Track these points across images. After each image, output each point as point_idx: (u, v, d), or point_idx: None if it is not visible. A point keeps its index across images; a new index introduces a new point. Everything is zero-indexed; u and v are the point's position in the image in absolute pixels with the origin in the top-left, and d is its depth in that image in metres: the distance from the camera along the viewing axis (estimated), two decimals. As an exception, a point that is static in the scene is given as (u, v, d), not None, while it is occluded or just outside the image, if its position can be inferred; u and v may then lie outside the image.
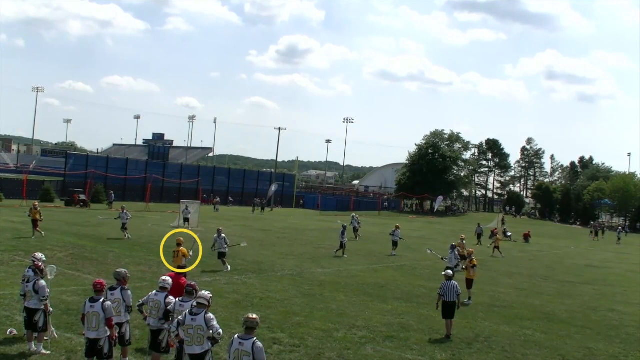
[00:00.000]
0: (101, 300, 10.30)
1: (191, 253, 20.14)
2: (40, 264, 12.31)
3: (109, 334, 10.31)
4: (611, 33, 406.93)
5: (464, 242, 30.74)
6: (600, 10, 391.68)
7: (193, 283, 10.97)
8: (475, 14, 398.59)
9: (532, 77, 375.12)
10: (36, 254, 12.92)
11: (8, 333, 12.70)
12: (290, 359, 12.73)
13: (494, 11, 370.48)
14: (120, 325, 10.98)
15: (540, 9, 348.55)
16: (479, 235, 47.14)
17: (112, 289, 11.06)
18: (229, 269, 23.43)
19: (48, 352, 11.73)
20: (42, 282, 11.88)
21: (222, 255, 23.77)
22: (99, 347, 10.26)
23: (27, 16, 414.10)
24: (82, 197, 57.95)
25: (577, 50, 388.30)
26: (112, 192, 58.92)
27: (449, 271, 16.64)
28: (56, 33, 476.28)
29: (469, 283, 21.39)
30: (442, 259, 25.92)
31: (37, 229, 29.25)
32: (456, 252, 25.23)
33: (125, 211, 32.41)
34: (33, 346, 11.76)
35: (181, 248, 19.57)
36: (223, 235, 24.06)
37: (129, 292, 11.17)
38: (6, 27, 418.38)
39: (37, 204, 31.45)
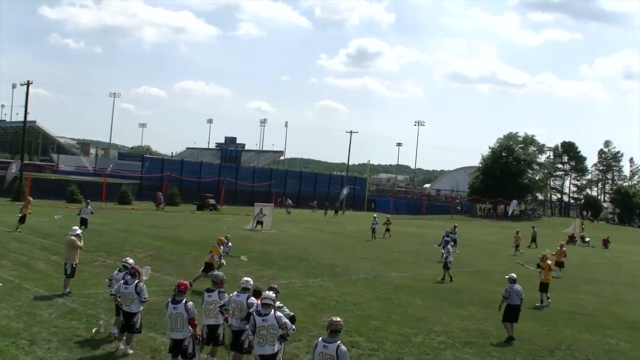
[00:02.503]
0: (184, 301, 10.48)
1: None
2: (137, 267, 12.69)
3: (192, 333, 10.51)
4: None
5: (564, 248, 30.12)
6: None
7: (275, 286, 11.06)
8: (549, 13, 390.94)
9: (610, 78, 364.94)
10: (127, 259, 13.37)
11: (93, 332, 13.03)
12: (369, 363, 12.73)
13: (568, 10, 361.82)
14: (216, 327, 11.24)
15: (617, 7, 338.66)
16: (534, 238, 46.76)
17: (209, 290, 11.30)
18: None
19: (132, 351, 12.04)
20: (142, 284, 12.25)
21: None
22: (184, 347, 10.48)
23: (104, 24, 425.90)
24: (212, 201, 60.25)
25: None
26: (160, 193, 58.11)
27: (513, 274, 16.34)
28: (131, 40, 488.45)
29: (544, 286, 21.26)
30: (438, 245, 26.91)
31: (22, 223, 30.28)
32: (449, 247, 26.39)
33: (89, 206, 31.95)
34: (121, 345, 12.10)
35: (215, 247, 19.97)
36: (229, 244, 23.53)
37: (226, 294, 11.35)
38: (84, 35, 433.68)
39: (31, 199, 33.21)
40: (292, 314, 10.60)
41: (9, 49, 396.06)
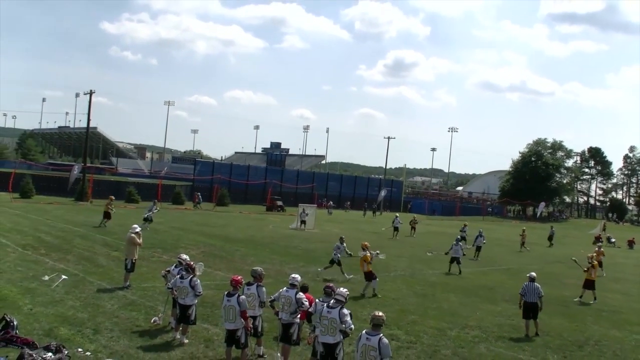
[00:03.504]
0: (237, 295, 10.62)
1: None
2: (192, 263, 12.85)
3: (244, 325, 10.60)
4: None
5: (602, 249, 30.07)
6: None
7: (331, 285, 11.08)
8: (577, 25, 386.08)
9: (635, 86, 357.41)
10: (182, 255, 13.56)
11: (152, 322, 13.20)
12: (408, 354, 12.67)
13: (595, 22, 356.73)
14: (253, 318, 11.23)
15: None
16: (550, 237, 46.62)
17: (248, 284, 11.34)
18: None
19: (187, 340, 12.17)
20: (197, 279, 12.42)
21: (339, 263, 22.40)
22: (237, 337, 10.63)
23: (159, 38, 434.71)
24: (280, 203, 62.32)
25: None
26: (198, 193, 57.37)
27: (532, 273, 16.28)
28: (185, 52, 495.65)
29: (590, 284, 21.30)
30: (445, 253, 27.23)
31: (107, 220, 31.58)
32: (460, 245, 26.85)
33: (155, 206, 33.28)
34: (178, 335, 12.25)
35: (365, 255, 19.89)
36: (344, 244, 23.32)
37: (264, 288, 11.39)
38: (141, 47, 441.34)
39: (113, 197, 34.01)
40: (349, 311, 10.61)
41: (74, 60, 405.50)
